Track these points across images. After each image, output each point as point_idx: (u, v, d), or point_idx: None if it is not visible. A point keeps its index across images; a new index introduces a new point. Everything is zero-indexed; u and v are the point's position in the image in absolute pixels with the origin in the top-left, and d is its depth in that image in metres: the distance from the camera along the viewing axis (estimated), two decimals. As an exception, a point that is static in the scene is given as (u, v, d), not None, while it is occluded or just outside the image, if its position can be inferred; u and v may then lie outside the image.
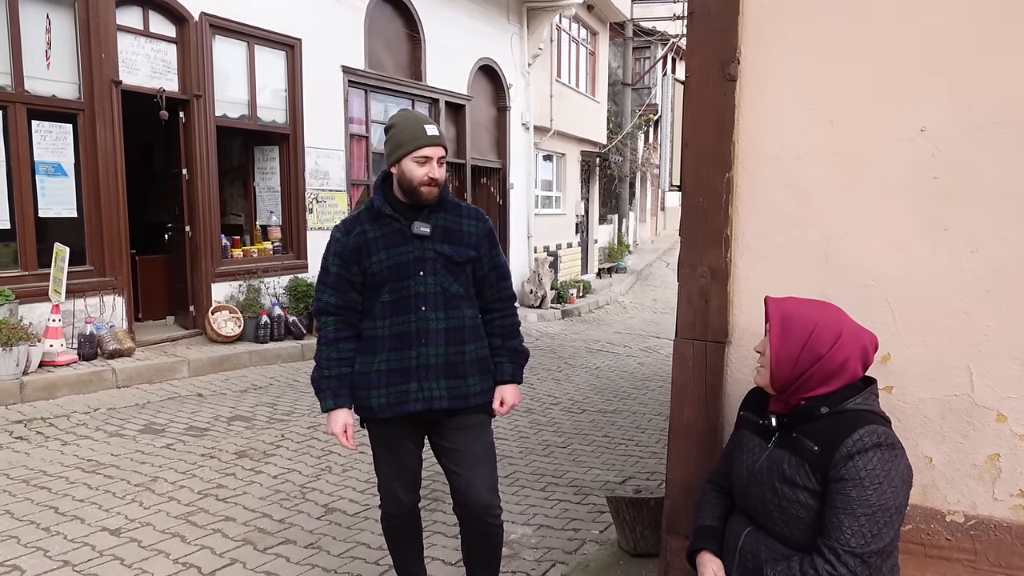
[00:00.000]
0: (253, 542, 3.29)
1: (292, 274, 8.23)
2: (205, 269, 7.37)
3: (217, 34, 7.31)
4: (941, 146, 1.76)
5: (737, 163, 1.95)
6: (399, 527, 2.49)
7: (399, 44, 9.84)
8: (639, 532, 3.06)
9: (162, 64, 6.91)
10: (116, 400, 5.67)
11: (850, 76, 1.83)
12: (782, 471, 1.64)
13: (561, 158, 15.20)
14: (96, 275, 6.48)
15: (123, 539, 3.27)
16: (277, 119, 8.09)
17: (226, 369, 6.90)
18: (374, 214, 2.31)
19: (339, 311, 2.31)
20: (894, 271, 1.83)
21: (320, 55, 8.36)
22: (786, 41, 1.88)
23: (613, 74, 19.54)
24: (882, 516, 1.50)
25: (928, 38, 1.76)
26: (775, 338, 1.63)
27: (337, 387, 2.29)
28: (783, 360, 1.62)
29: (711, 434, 2.05)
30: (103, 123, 6.34)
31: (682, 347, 2.06)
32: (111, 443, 4.63)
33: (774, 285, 1.90)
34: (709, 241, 1.99)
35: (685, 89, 1.97)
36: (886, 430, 1.58)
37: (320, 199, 8.59)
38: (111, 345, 6.29)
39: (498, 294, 2.44)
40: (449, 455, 2.34)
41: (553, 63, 13.80)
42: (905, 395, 1.85)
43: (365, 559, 3.17)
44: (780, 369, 1.63)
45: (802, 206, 1.89)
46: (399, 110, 2.48)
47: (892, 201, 1.81)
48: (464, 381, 2.30)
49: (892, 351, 1.84)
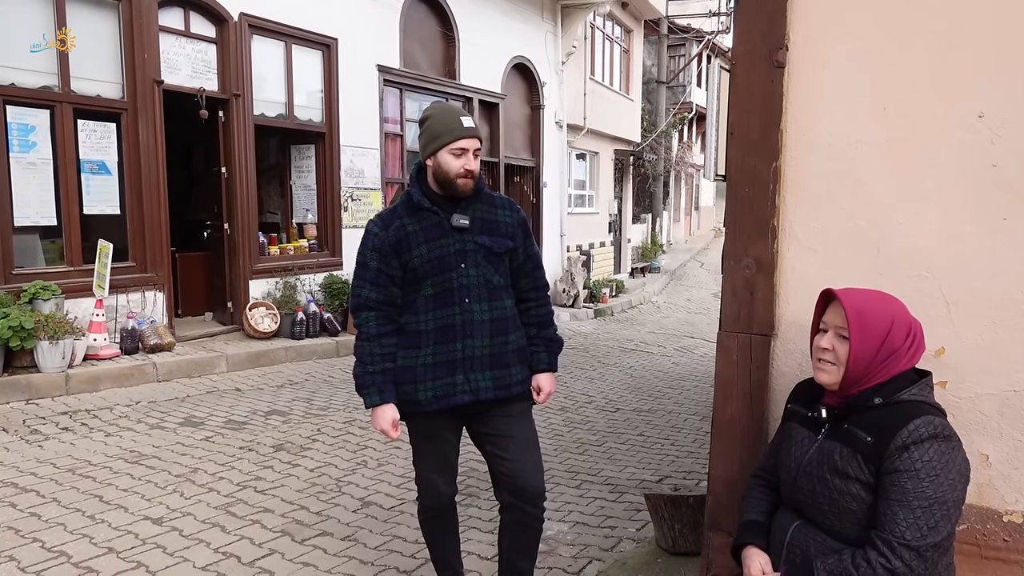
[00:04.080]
0: (291, 533, 3.32)
1: (327, 271, 8.31)
2: (243, 266, 7.48)
3: (255, 34, 7.42)
4: (1000, 132, 1.70)
5: (785, 152, 1.90)
6: (436, 519, 2.49)
7: (433, 43, 9.88)
8: (677, 530, 3.02)
9: (202, 64, 7.03)
10: (157, 393, 5.78)
11: (904, 62, 1.78)
12: (833, 462, 1.60)
13: (594, 157, 15.13)
14: (138, 271, 6.62)
15: (165, 528, 3.33)
16: (313, 118, 8.18)
17: (263, 365, 6.99)
18: (412, 207, 2.31)
19: (380, 306, 2.30)
20: (949, 262, 1.77)
21: (356, 54, 8.44)
22: (837, 26, 1.83)
23: (647, 72, 19.39)
24: (939, 509, 1.45)
25: (986, 22, 1.70)
26: (855, 336, 1.57)
27: (382, 382, 2.29)
28: (861, 358, 1.57)
29: (756, 429, 2.01)
30: (145, 122, 6.47)
31: (726, 340, 2.02)
32: (152, 435, 4.72)
33: (823, 277, 1.85)
34: (755, 232, 1.95)
35: (731, 77, 1.93)
36: (943, 421, 1.54)
37: (355, 197, 8.67)
38: (152, 340, 6.42)
39: (533, 283, 2.43)
40: (496, 441, 2.33)
41: (587, 61, 13.74)
42: (960, 390, 1.79)
43: (401, 552, 3.18)
44: (857, 367, 1.58)
45: (853, 195, 1.84)
46: (433, 102, 2.49)
47: (948, 190, 1.76)
48: (508, 371, 2.30)
49: (947, 344, 1.78)
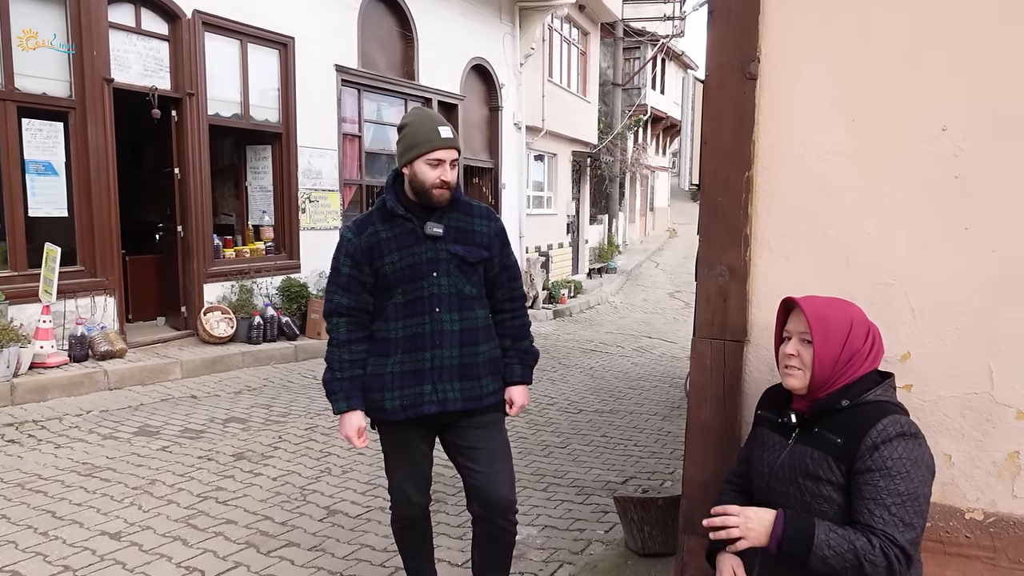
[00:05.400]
0: (256, 545, 3.26)
1: (285, 274, 8.17)
2: (197, 269, 7.30)
3: (209, 32, 7.24)
4: (963, 145, 1.77)
5: (757, 162, 1.94)
6: (410, 529, 2.47)
7: (392, 43, 9.80)
8: (647, 532, 3.05)
9: (154, 62, 6.84)
10: (108, 402, 5.59)
11: (872, 75, 1.83)
12: (805, 466, 1.64)
13: (552, 158, 15.21)
14: (87, 275, 6.39)
15: (123, 543, 3.22)
16: (270, 118, 8.03)
17: (219, 370, 6.83)
18: (386, 214, 2.29)
19: (351, 312, 2.28)
20: (915, 270, 1.83)
21: (313, 54, 8.31)
22: (807, 40, 1.88)
23: (604, 74, 19.58)
24: (912, 505, 1.51)
25: (950, 37, 1.76)
26: (818, 340, 1.62)
27: (350, 389, 2.27)
28: (826, 361, 1.62)
29: (729, 433, 2.05)
30: (94, 121, 6.26)
31: (700, 346, 2.05)
32: (105, 446, 4.57)
33: (794, 284, 1.89)
34: (728, 240, 1.98)
35: (705, 88, 1.96)
36: (908, 419, 1.60)
37: (313, 199, 8.54)
38: (102, 346, 6.21)
39: (509, 294, 2.42)
40: (466, 453, 2.32)
41: (545, 63, 13.81)
42: (924, 393, 1.85)
43: (371, 561, 3.14)
44: (822, 370, 1.62)
45: (823, 205, 1.89)
46: (413, 108, 2.47)
47: (914, 200, 1.82)
48: (478, 382, 2.28)
49: (912, 350, 1.84)
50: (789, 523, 1.55)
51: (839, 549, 1.49)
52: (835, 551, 1.49)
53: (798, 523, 1.55)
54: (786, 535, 1.53)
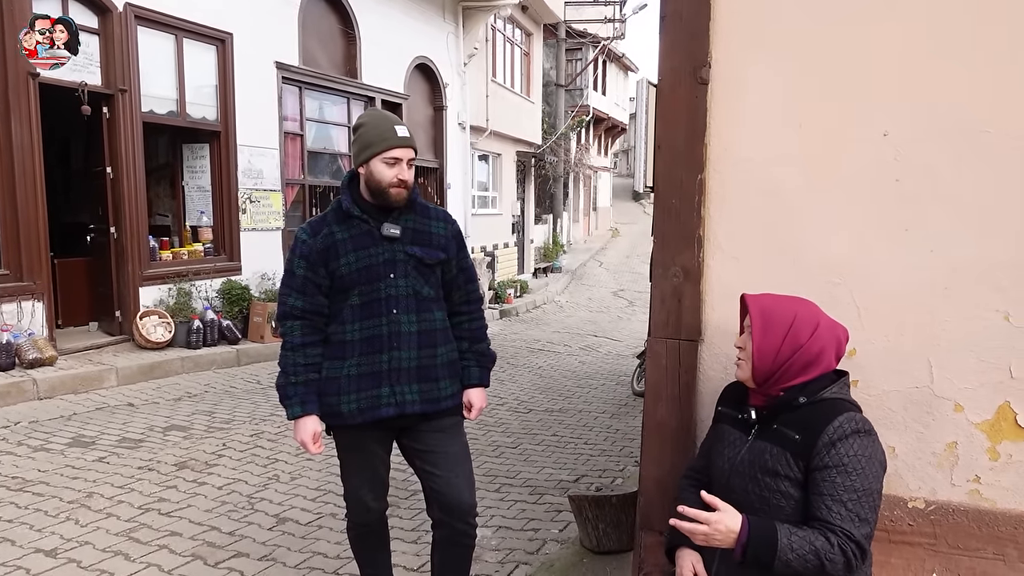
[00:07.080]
0: (203, 557, 3.16)
1: (225, 276, 7.95)
2: (132, 272, 7.03)
3: (142, 26, 6.98)
4: (902, 149, 1.84)
5: (709, 165, 1.98)
6: (367, 536, 2.43)
7: (334, 41, 9.64)
8: (601, 530, 3.09)
9: (83, 57, 6.53)
10: (38, 412, 5.34)
11: (817, 81, 1.89)
12: (764, 462, 1.68)
13: (497, 158, 15.22)
14: (12, 280, 6.08)
15: (60, 560, 3.08)
16: (208, 116, 7.79)
17: (157, 377, 6.60)
18: (342, 215, 2.25)
19: (306, 315, 2.23)
20: (859, 270, 1.90)
21: (252, 50, 8.10)
22: (755, 46, 1.93)
23: (547, 75, 19.70)
24: (866, 500, 1.56)
25: (890, 44, 1.84)
26: (757, 332, 1.68)
27: (305, 393, 2.22)
28: (765, 352, 1.67)
29: (684, 431, 2.08)
30: (19, 118, 5.96)
31: (656, 346, 2.08)
32: (37, 458, 4.36)
33: (745, 284, 1.94)
34: (682, 242, 2.02)
35: (658, 92, 1.99)
36: (863, 417, 1.65)
37: (254, 199, 8.33)
38: (31, 354, 5.92)
39: (466, 297, 2.41)
40: (425, 457, 2.30)
41: (489, 63, 13.81)
42: (870, 388, 1.93)
43: (323, 569, 3.08)
44: (762, 361, 1.68)
45: (772, 207, 1.94)
46: (368, 109, 2.45)
47: (857, 203, 1.88)
48: (436, 385, 2.26)
49: (858, 347, 1.91)
50: (754, 531, 1.56)
51: (801, 552, 1.53)
52: (797, 554, 1.53)
53: (761, 531, 1.56)
54: (751, 543, 1.56)
